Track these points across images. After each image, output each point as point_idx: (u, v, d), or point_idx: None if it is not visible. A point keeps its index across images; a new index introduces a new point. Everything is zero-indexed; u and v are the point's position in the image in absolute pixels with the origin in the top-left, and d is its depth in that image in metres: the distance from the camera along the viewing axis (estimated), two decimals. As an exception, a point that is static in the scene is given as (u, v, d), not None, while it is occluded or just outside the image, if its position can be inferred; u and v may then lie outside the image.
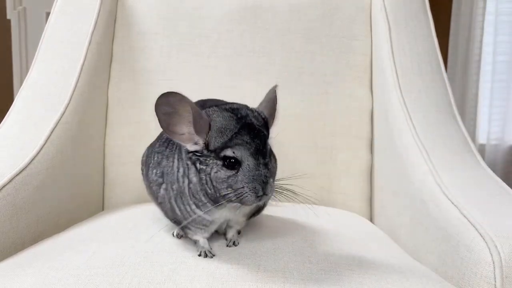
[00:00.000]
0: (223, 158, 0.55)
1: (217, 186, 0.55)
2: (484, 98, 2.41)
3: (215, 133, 0.55)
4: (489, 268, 0.59)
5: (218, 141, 0.55)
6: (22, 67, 2.29)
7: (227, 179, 0.54)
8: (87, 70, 0.99)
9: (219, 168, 0.55)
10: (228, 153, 0.54)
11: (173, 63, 1.08)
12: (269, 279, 0.55)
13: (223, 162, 0.55)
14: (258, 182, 0.53)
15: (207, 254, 0.61)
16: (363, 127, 1.07)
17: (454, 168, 0.82)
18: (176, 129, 0.56)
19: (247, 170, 0.54)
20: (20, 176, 0.75)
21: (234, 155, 0.54)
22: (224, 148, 0.55)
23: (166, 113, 0.56)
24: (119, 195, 1.04)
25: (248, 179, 0.54)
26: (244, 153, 0.54)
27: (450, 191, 0.74)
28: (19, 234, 0.73)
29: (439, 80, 1.01)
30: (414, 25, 1.07)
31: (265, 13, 1.12)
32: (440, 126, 0.92)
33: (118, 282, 0.53)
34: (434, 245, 0.73)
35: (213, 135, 0.56)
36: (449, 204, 0.71)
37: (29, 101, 0.92)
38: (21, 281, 0.54)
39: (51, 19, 1.06)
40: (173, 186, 0.60)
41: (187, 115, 0.55)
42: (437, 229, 0.73)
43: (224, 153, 0.55)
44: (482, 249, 0.61)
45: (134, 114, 1.06)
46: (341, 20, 1.12)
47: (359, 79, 1.10)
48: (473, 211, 0.67)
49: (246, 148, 0.54)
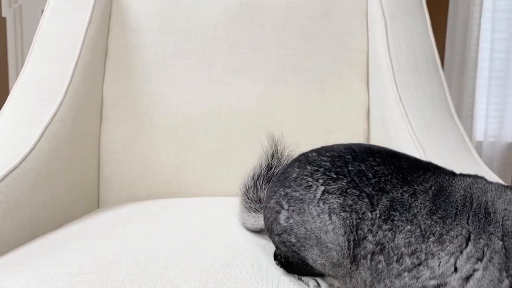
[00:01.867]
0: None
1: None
2: (481, 95, 2.41)
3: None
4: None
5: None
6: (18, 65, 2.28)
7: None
8: (82, 66, 0.98)
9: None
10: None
11: (168, 60, 1.08)
12: (263, 276, 0.54)
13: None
14: None
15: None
16: (359, 124, 1.07)
17: (451, 166, 0.81)
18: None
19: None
20: (14, 174, 0.74)
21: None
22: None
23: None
24: (114, 193, 1.04)
25: None
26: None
27: (446, 188, 0.73)
28: (12, 232, 0.73)
29: (436, 77, 1.01)
30: (411, 22, 1.07)
31: (261, 10, 1.11)
32: (436, 122, 0.92)
33: (111, 279, 0.52)
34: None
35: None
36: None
37: (23, 98, 0.92)
38: (13, 279, 0.54)
39: (45, 16, 1.05)
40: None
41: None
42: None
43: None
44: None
45: (129, 111, 1.05)
46: (337, 17, 1.12)
47: (356, 76, 1.09)
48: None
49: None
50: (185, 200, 0.94)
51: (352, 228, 0.48)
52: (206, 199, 0.96)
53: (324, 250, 0.50)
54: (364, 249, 0.47)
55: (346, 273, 0.50)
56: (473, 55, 2.38)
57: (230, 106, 1.04)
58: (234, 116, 1.02)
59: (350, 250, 0.48)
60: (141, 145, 1.04)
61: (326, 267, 0.51)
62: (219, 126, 1.04)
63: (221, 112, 1.05)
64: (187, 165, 1.04)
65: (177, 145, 1.04)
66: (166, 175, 1.04)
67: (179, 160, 1.04)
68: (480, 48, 2.37)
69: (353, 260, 0.48)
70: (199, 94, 1.06)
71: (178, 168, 1.04)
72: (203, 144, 1.04)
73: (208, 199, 0.95)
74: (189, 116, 1.05)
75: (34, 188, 0.78)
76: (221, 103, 1.05)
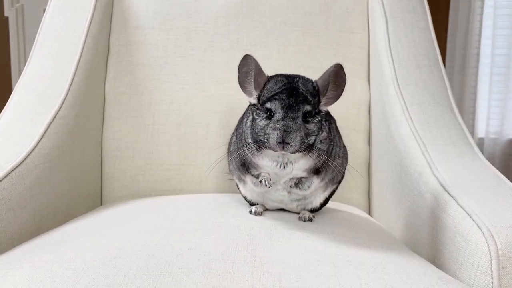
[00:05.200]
0: (265, 110, 0.67)
1: (257, 132, 0.67)
2: (482, 91, 2.40)
3: (266, 90, 0.69)
4: (486, 258, 0.59)
5: (265, 96, 0.68)
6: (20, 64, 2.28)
7: (263, 127, 0.67)
8: (84, 64, 0.98)
9: (262, 118, 0.67)
10: (267, 105, 0.67)
11: (169, 58, 1.08)
12: (265, 270, 0.55)
13: (264, 113, 0.67)
14: (281, 130, 0.64)
15: (257, 211, 0.76)
16: (360, 120, 1.07)
17: (452, 160, 0.82)
18: (246, 84, 0.71)
19: (276, 119, 0.65)
20: (17, 171, 0.75)
21: (269, 107, 0.66)
22: (266, 102, 0.67)
23: (243, 71, 0.70)
24: (117, 190, 1.04)
25: (274, 126, 0.65)
26: (277, 106, 0.66)
27: (447, 183, 0.74)
28: (16, 229, 0.73)
29: (437, 73, 1.01)
30: (411, 18, 1.07)
31: (262, 6, 1.11)
32: (437, 118, 0.92)
33: (114, 274, 0.53)
34: (431, 236, 0.73)
35: (264, 92, 0.69)
36: (447, 196, 0.71)
37: (26, 96, 0.92)
38: (17, 275, 0.54)
39: (47, 14, 1.06)
40: (239, 130, 0.75)
41: (253, 74, 0.69)
42: (434, 220, 0.73)
43: (265, 105, 0.67)
44: (479, 239, 0.61)
45: (132, 108, 1.06)
46: (338, 13, 1.12)
47: (356, 72, 1.09)
48: (470, 202, 0.67)
49: (280, 103, 0.66)
50: (187, 197, 0.95)
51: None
52: (208, 195, 0.96)
53: None
54: None
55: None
56: (475, 51, 2.37)
57: (231, 103, 1.04)
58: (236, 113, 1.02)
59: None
60: (143, 142, 1.04)
61: None
62: (221, 123, 1.04)
63: (223, 109, 1.05)
64: (189, 162, 1.04)
65: (179, 142, 1.04)
66: (168, 172, 1.04)
67: (181, 157, 1.04)
68: (482, 44, 2.36)
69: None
70: (200, 91, 1.06)
71: (180, 165, 1.04)
72: (205, 141, 1.04)
73: (210, 195, 0.95)
74: (191, 113, 1.05)
75: (37, 185, 0.78)
76: (222, 100, 1.06)
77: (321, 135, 0.68)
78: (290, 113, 0.65)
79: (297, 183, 0.73)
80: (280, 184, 0.73)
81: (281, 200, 0.77)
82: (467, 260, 0.62)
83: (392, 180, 0.92)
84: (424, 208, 0.77)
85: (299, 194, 0.75)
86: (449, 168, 0.78)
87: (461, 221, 0.65)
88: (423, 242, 0.76)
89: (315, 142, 0.67)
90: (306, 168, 0.71)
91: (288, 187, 0.74)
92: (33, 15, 2.28)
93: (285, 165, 0.70)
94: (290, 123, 0.65)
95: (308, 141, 0.66)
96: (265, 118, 0.67)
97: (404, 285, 0.54)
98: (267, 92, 0.68)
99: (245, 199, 0.81)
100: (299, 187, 0.74)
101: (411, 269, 0.59)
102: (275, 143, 0.64)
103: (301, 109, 0.66)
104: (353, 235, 0.71)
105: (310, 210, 0.78)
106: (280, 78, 0.69)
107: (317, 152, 0.68)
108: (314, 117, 0.68)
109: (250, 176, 0.75)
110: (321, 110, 0.70)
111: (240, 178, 0.79)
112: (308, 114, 0.67)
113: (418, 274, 0.58)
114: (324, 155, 0.69)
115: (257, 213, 0.76)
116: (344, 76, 0.69)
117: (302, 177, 0.72)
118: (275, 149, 0.65)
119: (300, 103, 0.66)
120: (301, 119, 0.66)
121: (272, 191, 0.75)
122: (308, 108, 0.67)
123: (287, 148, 0.64)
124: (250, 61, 0.69)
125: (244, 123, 0.72)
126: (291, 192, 0.75)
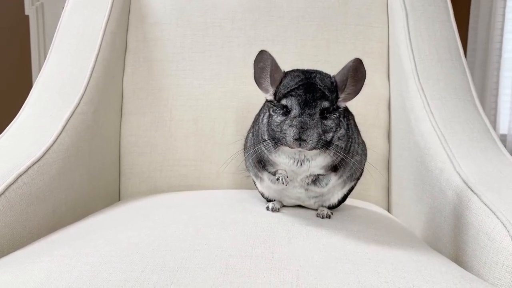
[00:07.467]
0: (281, 107, 0.66)
1: (273, 129, 0.66)
2: (504, 87, 2.35)
3: (282, 86, 0.67)
4: (511, 257, 0.58)
5: (281, 93, 0.67)
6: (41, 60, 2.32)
7: (280, 124, 0.66)
8: (102, 60, 0.99)
9: (278, 114, 0.66)
10: (283, 102, 0.66)
11: (186, 53, 1.08)
12: (283, 267, 0.54)
13: (281, 110, 0.66)
14: (297, 127, 0.63)
15: (274, 207, 0.75)
16: (380, 116, 1.06)
17: (474, 156, 0.80)
18: (261, 80, 0.70)
19: (292, 116, 0.64)
20: (36, 166, 0.75)
21: (286, 103, 0.65)
22: (283, 98, 0.66)
23: (259, 67, 0.69)
24: (135, 185, 1.05)
25: (291, 123, 0.64)
26: (293, 102, 0.65)
27: (470, 179, 0.72)
28: (35, 224, 0.74)
29: (459, 67, 0.99)
30: (432, 11, 1.05)
31: (279, 1, 1.10)
32: (459, 113, 0.90)
33: (131, 269, 0.53)
34: (453, 234, 0.72)
35: (280, 88, 0.67)
36: (469, 192, 0.69)
37: (45, 92, 0.93)
38: (36, 269, 0.54)
39: (65, 11, 1.07)
40: (255, 127, 0.75)
41: (269, 69, 0.68)
42: (456, 217, 0.71)
43: (282, 102, 0.66)
44: (503, 237, 0.59)
45: (149, 104, 1.06)
46: (356, 7, 1.10)
47: (376, 67, 1.07)
48: (494, 198, 0.65)
49: (296, 99, 0.65)
50: (204, 193, 0.94)
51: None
52: (224, 191, 0.96)
53: None
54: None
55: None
56: (497, 46, 2.32)
57: (248, 99, 1.04)
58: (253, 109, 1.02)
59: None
60: (160, 138, 1.04)
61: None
62: (238, 119, 1.04)
63: (240, 105, 1.05)
64: (206, 157, 1.04)
65: (196, 137, 1.04)
66: (185, 168, 1.04)
67: (198, 153, 1.04)
68: (504, 38, 2.31)
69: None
70: (217, 86, 1.06)
71: (197, 161, 1.04)
72: (222, 137, 1.04)
73: (227, 192, 0.95)
74: (208, 108, 1.05)
75: (56, 180, 0.79)
76: (239, 96, 1.05)
77: (339, 132, 0.67)
78: (307, 110, 0.64)
79: (315, 180, 0.72)
80: (297, 181, 0.72)
81: (298, 197, 0.76)
82: (491, 259, 0.60)
83: (412, 176, 0.90)
84: (445, 205, 0.75)
85: (317, 192, 0.74)
86: (471, 164, 0.76)
87: (485, 218, 0.63)
88: (445, 240, 0.75)
89: (332, 139, 0.66)
90: (324, 165, 0.70)
91: (305, 184, 0.72)
92: (53, 13, 2.31)
93: (302, 162, 0.68)
94: (307, 119, 0.63)
95: (326, 138, 0.65)
96: (282, 114, 0.66)
97: (425, 284, 0.52)
98: (284, 88, 0.67)
99: (262, 195, 0.81)
100: (316, 185, 0.73)
101: (433, 267, 0.57)
102: (291, 140, 0.63)
103: (319, 106, 0.65)
104: (372, 232, 0.70)
105: (328, 207, 0.77)
106: (296, 74, 0.68)
107: (334, 149, 0.66)
108: (332, 113, 0.67)
109: (267, 173, 0.74)
110: (339, 106, 0.68)
111: (257, 175, 0.78)
112: (326, 110, 0.66)
113: (440, 272, 0.56)
114: (342, 152, 0.68)
115: (274, 209, 0.75)
116: (363, 71, 0.67)
117: (319, 174, 0.71)
118: (292, 146, 0.64)
119: (317, 99, 0.65)
120: (319, 116, 0.65)
121: (289, 188, 0.74)
122: (326, 104, 0.66)
123: (303, 145, 0.63)
124: (265, 56, 0.68)
125: (261, 120, 0.71)
126: (308, 189, 0.74)
